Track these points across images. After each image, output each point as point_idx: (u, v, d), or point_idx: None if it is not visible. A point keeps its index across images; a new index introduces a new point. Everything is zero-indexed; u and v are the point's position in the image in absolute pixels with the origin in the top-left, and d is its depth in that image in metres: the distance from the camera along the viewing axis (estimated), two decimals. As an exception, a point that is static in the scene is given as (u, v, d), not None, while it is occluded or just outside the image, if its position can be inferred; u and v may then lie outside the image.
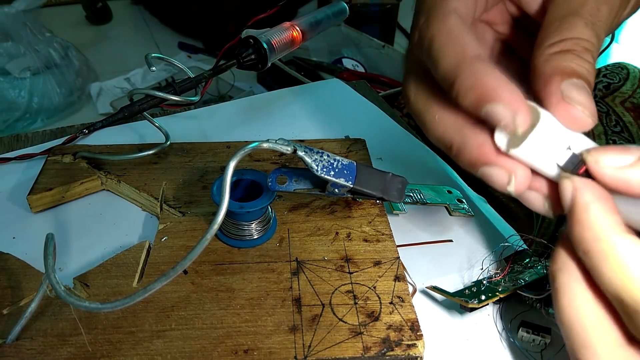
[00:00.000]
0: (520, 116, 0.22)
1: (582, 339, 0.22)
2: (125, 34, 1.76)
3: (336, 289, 0.32)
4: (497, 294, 0.32)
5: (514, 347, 0.31)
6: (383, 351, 0.29)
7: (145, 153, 0.42)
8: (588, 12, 0.25)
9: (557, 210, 0.25)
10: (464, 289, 0.33)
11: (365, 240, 0.36)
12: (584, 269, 0.22)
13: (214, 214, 0.28)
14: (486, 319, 0.33)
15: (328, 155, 0.32)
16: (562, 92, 0.23)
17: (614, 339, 0.22)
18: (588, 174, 0.22)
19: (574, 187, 0.22)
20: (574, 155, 0.23)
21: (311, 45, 1.30)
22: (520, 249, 0.36)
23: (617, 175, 0.22)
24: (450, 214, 0.40)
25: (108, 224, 0.39)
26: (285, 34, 0.41)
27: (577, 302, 0.22)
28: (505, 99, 0.22)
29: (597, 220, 0.21)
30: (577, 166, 0.23)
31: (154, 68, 0.38)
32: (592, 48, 0.24)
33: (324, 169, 0.31)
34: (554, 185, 0.24)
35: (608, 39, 0.70)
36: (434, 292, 0.33)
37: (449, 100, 0.25)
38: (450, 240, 0.38)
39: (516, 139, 0.23)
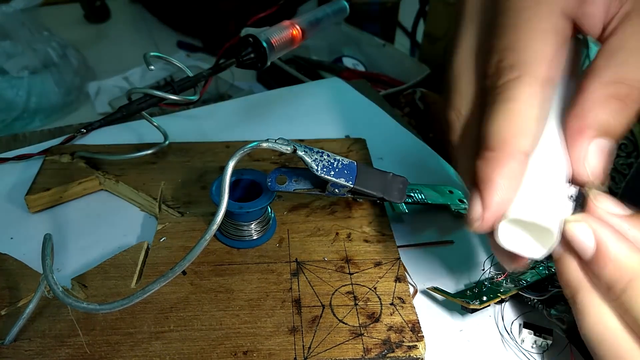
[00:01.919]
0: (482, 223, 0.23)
1: (616, 352, 0.22)
2: (123, 32, 1.75)
3: (336, 290, 0.32)
4: (499, 294, 0.31)
5: (515, 349, 0.31)
6: (384, 353, 0.28)
7: (144, 153, 0.42)
8: None
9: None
10: (465, 289, 0.33)
11: (366, 241, 0.36)
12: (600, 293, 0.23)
13: (213, 214, 0.27)
14: (488, 320, 0.32)
15: (328, 155, 0.31)
16: (587, 152, 0.22)
17: None
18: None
19: (594, 230, 0.22)
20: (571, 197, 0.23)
21: (311, 44, 1.30)
22: (522, 249, 0.35)
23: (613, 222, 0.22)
24: (452, 214, 0.39)
25: (106, 225, 0.39)
26: (284, 33, 0.41)
27: (605, 319, 0.22)
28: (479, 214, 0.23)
29: (631, 259, 0.21)
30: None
31: (152, 67, 0.38)
32: None
33: (324, 169, 0.31)
34: None
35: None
36: (435, 293, 0.33)
37: None
38: (452, 241, 0.38)
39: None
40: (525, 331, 0.31)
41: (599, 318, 0.22)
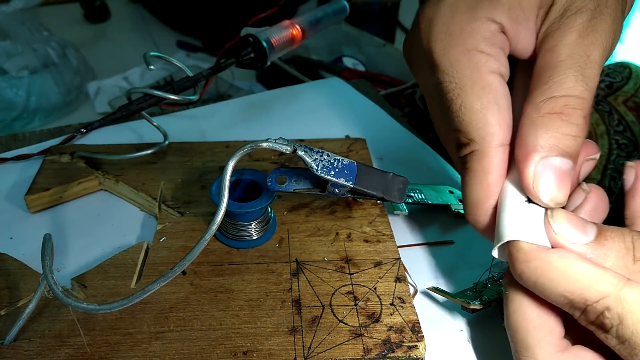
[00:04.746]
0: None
1: (524, 342, 0.24)
2: (123, 32, 1.75)
3: (336, 290, 0.32)
4: (499, 294, 0.31)
5: (515, 349, 0.31)
6: (384, 353, 0.28)
7: (144, 153, 0.42)
8: (577, 62, 0.24)
9: None
10: (466, 290, 0.33)
11: (366, 241, 0.36)
12: None
13: (213, 214, 0.27)
14: (488, 320, 0.32)
15: (328, 155, 0.31)
16: (534, 176, 0.24)
17: (552, 344, 0.24)
18: None
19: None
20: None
21: (311, 44, 1.29)
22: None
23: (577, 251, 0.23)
24: (452, 214, 0.39)
25: (106, 225, 0.38)
26: (284, 33, 0.41)
27: (523, 309, 0.25)
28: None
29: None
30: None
31: (152, 67, 0.38)
32: (584, 105, 0.23)
33: (324, 169, 0.31)
34: None
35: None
36: (435, 293, 0.33)
37: None
38: (452, 241, 0.38)
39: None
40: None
41: (518, 306, 0.25)
